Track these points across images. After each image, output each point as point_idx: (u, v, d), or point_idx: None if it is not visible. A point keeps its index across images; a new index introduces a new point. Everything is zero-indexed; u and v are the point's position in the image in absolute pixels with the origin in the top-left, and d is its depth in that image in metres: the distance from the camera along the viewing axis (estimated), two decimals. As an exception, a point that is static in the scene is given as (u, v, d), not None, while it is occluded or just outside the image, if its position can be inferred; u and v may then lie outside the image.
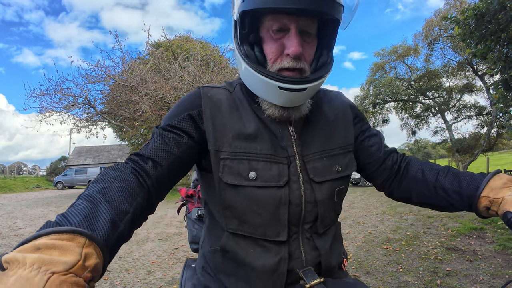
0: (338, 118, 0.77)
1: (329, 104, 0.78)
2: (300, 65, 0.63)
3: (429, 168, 0.74)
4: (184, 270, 0.95)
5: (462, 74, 18.40)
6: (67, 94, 12.49)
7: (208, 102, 0.69)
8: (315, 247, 0.71)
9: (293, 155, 0.69)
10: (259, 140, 0.67)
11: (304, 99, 0.68)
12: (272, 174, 0.66)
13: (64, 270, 0.35)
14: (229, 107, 0.70)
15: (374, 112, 21.26)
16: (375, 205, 7.81)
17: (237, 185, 0.65)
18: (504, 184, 0.62)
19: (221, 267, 0.72)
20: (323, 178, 0.70)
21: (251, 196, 0.65)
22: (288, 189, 0.67)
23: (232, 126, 0.68)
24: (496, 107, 5.16)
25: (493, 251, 3.55)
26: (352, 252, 3.87)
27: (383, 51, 19.62)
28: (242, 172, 0.65)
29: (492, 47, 4.68)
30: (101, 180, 0.53)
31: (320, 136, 0.73)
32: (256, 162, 0.66)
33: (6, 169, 28.75)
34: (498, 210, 0.61)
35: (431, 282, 2.80)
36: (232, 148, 0.66)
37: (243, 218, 0.67)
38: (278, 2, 0.56)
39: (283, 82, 0.62)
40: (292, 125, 0.72)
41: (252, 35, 0.65)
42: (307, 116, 0.73)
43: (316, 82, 0.64)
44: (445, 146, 21.04)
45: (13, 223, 7.10)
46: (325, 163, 0.71)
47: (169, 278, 3.24)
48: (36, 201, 12.94)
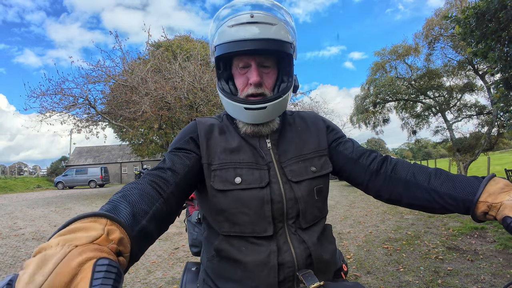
0: (310, 129, 0.90)
1: (301, 120, 0.93)
2: (261, 91, 0.79)
3: (420, 171, 0.76)
4: (184, 273, 0.98)
5: (462, 73, 18.37)
6: (67, 94, 12.48)
7: (202, 128, 0.84)
8: (302, 240, 0.78)
9: (271, 161, 0.81)
10: (242, 152, 0.81)
11: (269, 117, 0.82)
12: (255, 178, 0.77)
13: (87, 242, 0.37)
14: (219, 130, 0.85)
15: (375, 112, 21.24)
16: (376, 204, 7.80)
17: (226, 190, 0.77)
18: (501, 188, 0.62)
19: (218, 271, 0.79)
20: (300, 178, 0.80)
21: (238, 198, 0.76)
22: (270, 189, 0.77)
23: (220, 144, 0.82)
24: (497, 106, 5.15)
25: (494, 251, 3.54)
26: (352, 252, 3.86)
27: (384, 50, 19.60)
28: (229, 178, 0.77)
29: (492, 46, 4.67)
30: (121, 191, 0.62)
31: (294, 144, 0.85)
32: (240, 169, 0.78)
33: (6, 170, 28.78)
34: (496, 215, 0.61)
35: (432, 281, 2.79)
36: (220, 160, 0.79)
37: (234, 220, 0.76)
38: (237, 48, 0.74)
39: (247, 103, 0.78)
40: (269, 138, 0.85)
41: (226, 73, 0.84)
42: (282, 130, 0.88)
43: (273, 101, 0.79)
44: (446, 146, 21.00)
45: (13, 223, 7.10)
46: (301, 165, 0.82)
47: (169, 278, 3.24)
48: (36, 201, 12.96)
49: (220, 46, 0.76)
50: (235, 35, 0.74)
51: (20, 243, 5.10)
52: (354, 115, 22.41)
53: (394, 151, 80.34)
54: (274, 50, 0.76)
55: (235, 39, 0.74)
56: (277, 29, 0.75)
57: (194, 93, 11.97)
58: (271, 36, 0.74)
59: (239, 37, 0.73)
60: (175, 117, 12.79)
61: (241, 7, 0.79)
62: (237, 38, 0.74)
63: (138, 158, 28.07)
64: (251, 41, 0.73)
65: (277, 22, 0.76)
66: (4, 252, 4.52)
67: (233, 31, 0.74)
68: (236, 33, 0.74)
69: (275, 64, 0.82)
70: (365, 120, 21.82)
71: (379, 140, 66.99)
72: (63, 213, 8.74)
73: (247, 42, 0.73)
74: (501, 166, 15.78)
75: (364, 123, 22.12)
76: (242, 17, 0.74)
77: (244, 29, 0.74)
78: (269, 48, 0.75)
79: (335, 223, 5.78)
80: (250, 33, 0.73)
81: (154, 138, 16.16)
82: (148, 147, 17.76)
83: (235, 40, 0.74)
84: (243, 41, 0.73)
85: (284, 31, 0.76)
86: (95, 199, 13.12)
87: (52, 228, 6.41)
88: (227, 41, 0.75)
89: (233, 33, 0.74)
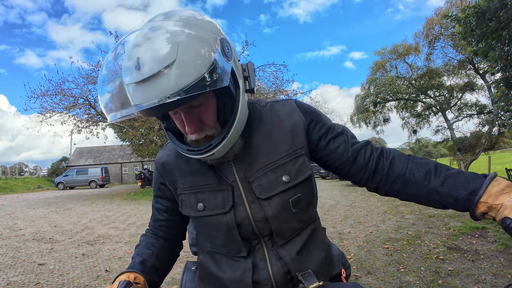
0: (283, 124, 0.75)
1: (274, 114, 0.77)
2: (203, 134, 0.67)
3: (418, 167, 0.70)
4: (184, 273, 0.97)
5: (463, 72, 18.34)
6: (67, 95, 12.51)
7: (159, 165, 0.83)
8: (279, 256, 0.75)
9: (234, 180, 0.73)
10: (203, 174, 0.75)
11: (222, 153, 0.69)
12: (217, 202, 0.74)
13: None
14: (176, 158, 0.80)
15: (375, 111, 21.23)
16: (376, 204, 7.80)
17: (192, 216, 0.78)
18: (502, 190, 0.61)
19: (205, 276, 0.84)
20: (270, 193, 0.72)
21: (205, 223, 0.77)
22: (234, 213, 0.73)
23: (179, 167, 0.79)
24: (498, 105, 5.14)
25: (495, 251, 3.53)
26: (353, 252, 3.86)
27: (384, 50, 19.57)
28: (192, 204, 0.77)
29: (493, 45, 4.66)
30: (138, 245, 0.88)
31: (261, 153, 0.74)
32: (201, 193, 0.75)
33: (7, 170, 28.82)
34: (496, 216, 0.60)
35: (432, 282, 2.79)
36: (182, 184, 0.78)
37: (210, 240, 0.80)
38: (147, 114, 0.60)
39: (192, 154, 0.68)
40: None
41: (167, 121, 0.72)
42: (248, 135, 0.74)
43: (219, 145, 0.65)
44: (446, 145, 20.98)
45: (14, 224, 7.11)
46: (270, 177, 0.72)
47: (169, 279, 3.24)
48: (37, 201, 12.97)
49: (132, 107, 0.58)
50: (134, 98, 0.56)
51: (21, 243, 5.10)
52: (355, 115, 22.39)
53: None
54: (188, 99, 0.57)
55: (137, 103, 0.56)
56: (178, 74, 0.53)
57: (194, 93, 11.95)
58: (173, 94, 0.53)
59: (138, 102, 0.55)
60: (175, 117, 12.79)
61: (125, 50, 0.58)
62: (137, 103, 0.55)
63: (138, 158, 28.08)
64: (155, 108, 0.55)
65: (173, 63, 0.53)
66: (4, 252, 4.52)
67: (132, 93, 0.56)
68: (134, 96, 0.56)
69: (207, 95, 0.64)
70: (366, 119, 21.80)
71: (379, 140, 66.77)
72: (64, 214, 8.75)
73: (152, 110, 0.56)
74: (502, 166, 15.76)
75: (364, 122, 22.09)
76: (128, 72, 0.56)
77: (136, 93, 0.55)
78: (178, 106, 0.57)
79: (336, 223, 5.78)
80: (145, 97, 0.54)
81: (155, 138, 16.16)
82: (149, 147, 17.74)
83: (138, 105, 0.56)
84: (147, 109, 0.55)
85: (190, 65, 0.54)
86: (95, 199, 13.13)
87: (52, 228, 6.41)
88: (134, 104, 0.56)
89: (133, 96, 0.56)
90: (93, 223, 6.99)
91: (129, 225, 6.53)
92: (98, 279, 3.31)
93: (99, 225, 6.70)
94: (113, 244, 4.84)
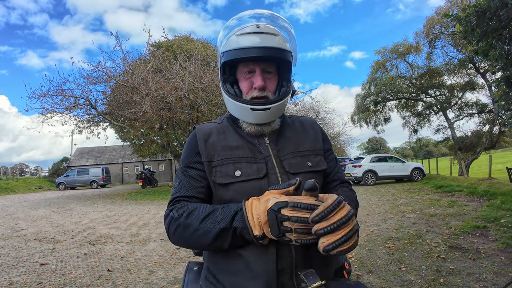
0: (307, 131, 0.99)
1: (300, 123, 1.02)
2: (264, 94, 0.87)
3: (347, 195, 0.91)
4: (186, 273, 0.98)
5: (463, 71, 18.34)
6: (68, 95, 12.51)
7: (200, 133, 0.92)
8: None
9: (269, 155, 0.88)
10: (241, 149, 0.88)
11: (271, 117, 0.90)
12: (253, 170, 0.84)
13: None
14: (217, 132, 0.92)
15: (376, 111, 21.22)
16: (377, 203, 7.80)
17: (227, 183, 0.83)
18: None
19: (220, 264, 0.82)
20: (298, 170, 0.87)
21: (238, 190, 0.82)
22: (267, 180, 0.83)
23: (219, 142, 0.89)
24: (498, 104, 5.14)
25: (496, 249, 3.53)
26: (354, 251, 3.86)
27: (384, 49, 19.57)
28: (229, 172, 0.84)
29: (493, 44, 4.66)
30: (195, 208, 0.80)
31: (291, 142, 0.93)
32: (239, 163, 0.85)
33: (8, 171, 28.87)
34: None
35: (434, 280, 2.79)
36: (220, 157, 0.86)
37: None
38: (244, 54, 0.83)
39: (253, 104, 0.86)
40: (267, 137, 0.92)
41: (231, 77, 0.92)
42: (280, 130, 0.95)
43: (276, 103, 0.87)
44: (447, 144, 20.95)
45: (15, 224, 7.13)
46: (298, 160, 0.90)
47: (171, 278, 3.25)
48: (38, 202, 13.00)
49: (229, 52, 0.84)
50: (242, 43, 0.82)
51: (22, 244, 5.12)
52: (355, 114, 22.39)
53: (395, 150, 79.82)
54: (276, 58, 0.84)
55: (242, 46, 0.82)
56: (279, 39, 0.84)
57: (195, 93, 11.96)
58: (274, 45, 0.82)
59: (246, 44, 0.82)
60: (176, 117, 12.80)
61: (247, 19, 0.88)
62: (244, 45, 0.82)
63: (139, 159, 28.12)
64: (257, 48, 0.82)
65: (279, 33, 0.85)
66: (6, 253, 4.53)
67: (240, 40, 0.83)
68: (244, 41, 0.82)
69: (276, 70, 0.91)
70: (366, 119, 21.80)
71: (380, 139, 66.44)
72: (65, 214, 8.77)
73: (254, 49, 0.82)
74: (503, 165, 15.74)
75: (365, 122, 22.10)
76: (250, 27, 0.83)
77: (251, 38, 0.82)
78: (272, 56, 0.83)
79: (337, 222, 5.77)
80: (256, 41, 0.82)
81: (155, 138, 16.18)
82: (149, 147, 17.79)
83: (242, 47, 0.82)
84: (250, 48, 0.82)
85: (285, 41, 0.86)
86: (96, 199, 13.15)
87: (54, 228, 6.43)
88: (235, 48, 0.83)
89: (241, 41, 0.82)
90: (95, 223, 7.01)
91: (130, 225, 6.54)
92: (100, 279, 3.32)
93: (101, 225, 6.71)
94: (115, 244, 4.85)
